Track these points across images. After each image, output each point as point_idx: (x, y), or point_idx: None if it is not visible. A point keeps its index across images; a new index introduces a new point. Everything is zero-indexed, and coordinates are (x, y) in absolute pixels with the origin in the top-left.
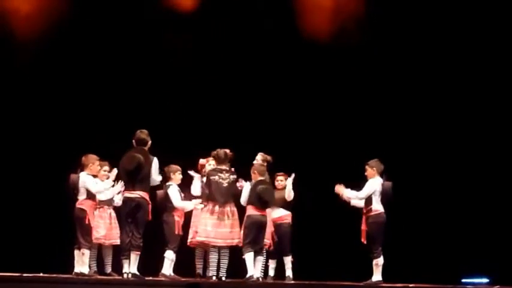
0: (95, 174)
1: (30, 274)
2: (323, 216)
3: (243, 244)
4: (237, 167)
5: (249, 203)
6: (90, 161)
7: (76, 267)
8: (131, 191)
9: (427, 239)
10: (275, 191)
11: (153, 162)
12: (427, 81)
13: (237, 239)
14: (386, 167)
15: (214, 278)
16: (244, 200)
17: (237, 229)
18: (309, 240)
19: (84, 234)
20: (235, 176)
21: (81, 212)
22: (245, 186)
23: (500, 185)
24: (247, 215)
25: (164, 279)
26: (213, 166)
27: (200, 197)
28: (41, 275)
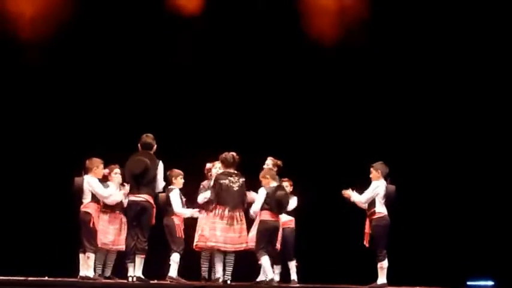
0: (99, 177)
1: (35, 278)
2: (326, 219)
3: (256, 249)
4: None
5: (265, 208)
6: (95, 164)
7: (81, 271)
8: (136, 195)
9: (432, 242)
10: None
11: (159, 167)
12: (432, 84)
13: (245, 243)
14: (392, 170)
15: (220, 280)
16: (258, 206)
17: (245, 233)
18: (313, 244)
19: (89, 238)
20: (244, 179)
21: (86, 215)
22: (259, 192)
23: (505, 189)
24: (261, 219)
25: (170, 282)
26: (220, 169)
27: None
28: (46, 278)
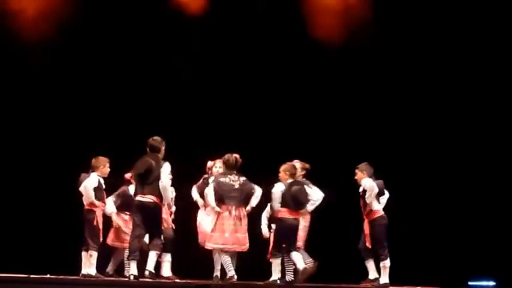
0: (105, 176)
1: (37, 275)
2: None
3: (273, 249)
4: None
5: (282, 205)
6: (101, 163)
7: (83, 269)
8: (142, 195)
9: (434, 242)
10: None
11: (163, 166)
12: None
13: (248, 244)
14: (394, 170)
15: (235, 277)
16: (277, 203)
17: (246, 234)
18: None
19: (93, 236)
20: (245, 178)
21: (90, 213)
22: (275, 188)
23: (506, 189)
24: (280, 218)
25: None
26: (220, 169)
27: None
28: (48, 276)
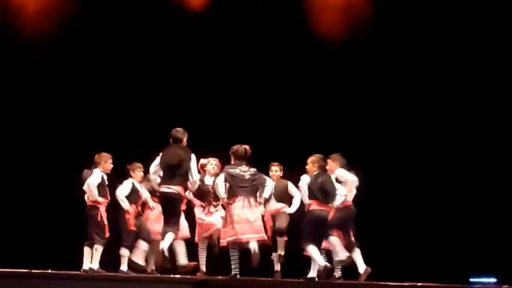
0: (108, 172)
1: (38, 270)
2: None
3: (303, 242)
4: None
5: (310, 197)
6: (103, 159)
7: (85, 264)
8: (168, 186)
9: (435, 238)
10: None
11: (192, 159)
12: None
13: (264, 233)
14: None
15: (238, 276)
16: (305, 196)
17: (261, 223)
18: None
19: (98, 231)
20: (255, 169)
21: (93, 209)
22: (301, 180)
23: (507, 186)
24: (309, 210)
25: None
26: (215, 166)
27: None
28: (50, 271)
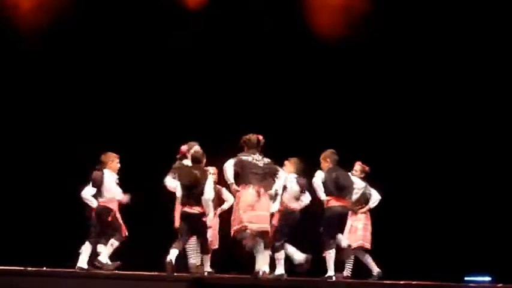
0: (115, 171)
1: (34, 268)
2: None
3: (323, 241)
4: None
5: (326, 193)
6: (110, 158)
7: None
8: (189, 207)
9: (430, 237)
10: None
11: (208, 180)
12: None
13: (268, 224)
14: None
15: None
16: (320, 192)
17: (267, 213)
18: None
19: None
20: (270, 160)
21: (105, 209)
22: (315, 177)
23: (502, 184)
24: (328, 206)
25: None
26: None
27: None
28: (45, 269)
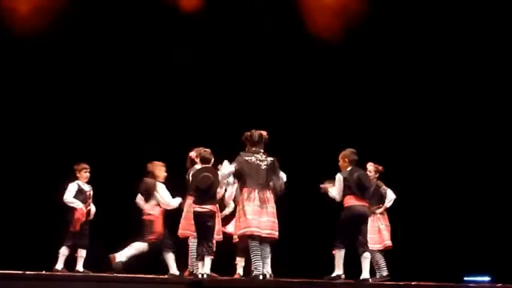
0: (162, 180)
1: (32, 272)
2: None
3: (337, 239)
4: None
5: (347, 193)
6: (157, 168)
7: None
8: (201, 206)
9: (429, 238)
10: None
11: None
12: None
13: (276, 232)
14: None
15: (261, 276)
16: (339, 192)
17: (274, 219)
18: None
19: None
20: (273, 158)
21: (150, 217)
22: (336, 178)
23: (501, 184)
24: (347, 206)
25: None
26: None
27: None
28: (44, 272)
